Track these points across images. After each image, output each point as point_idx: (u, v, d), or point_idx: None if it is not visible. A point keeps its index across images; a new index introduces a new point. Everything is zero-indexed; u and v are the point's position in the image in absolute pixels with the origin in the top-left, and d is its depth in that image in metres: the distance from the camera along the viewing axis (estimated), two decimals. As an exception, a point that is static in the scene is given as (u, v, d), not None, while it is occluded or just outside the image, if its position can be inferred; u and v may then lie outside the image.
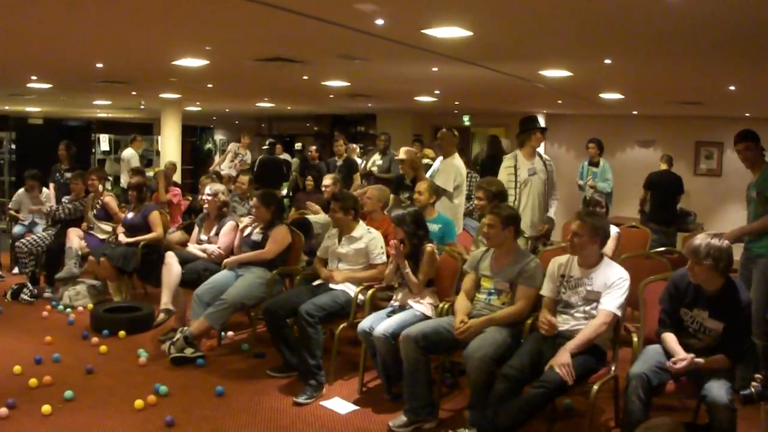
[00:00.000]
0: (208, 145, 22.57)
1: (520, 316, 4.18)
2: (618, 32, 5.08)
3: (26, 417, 4.31)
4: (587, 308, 3.94)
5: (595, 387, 3.74)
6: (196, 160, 21.59)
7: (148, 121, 20.92)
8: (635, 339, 4.08)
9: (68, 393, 4.60)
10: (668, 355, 3.64)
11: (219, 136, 23.44)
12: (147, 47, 6.70)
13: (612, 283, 3.90)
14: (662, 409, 4.09)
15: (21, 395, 4.61)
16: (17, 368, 5.10)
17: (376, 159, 9.55)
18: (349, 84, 9.61)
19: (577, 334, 3.83)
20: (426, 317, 4.58)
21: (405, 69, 7.71)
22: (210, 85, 10.31)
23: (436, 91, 10.69)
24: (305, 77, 8.78)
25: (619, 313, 3.88)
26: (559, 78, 7.60)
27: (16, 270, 8.23)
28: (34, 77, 9.58)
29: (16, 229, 8.40)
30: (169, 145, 13.85)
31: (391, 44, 5.73)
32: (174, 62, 7.30)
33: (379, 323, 4.52)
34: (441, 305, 4.69)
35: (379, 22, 4.83)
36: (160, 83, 10.26)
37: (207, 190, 6.45)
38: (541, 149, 6.31)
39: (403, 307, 4.72)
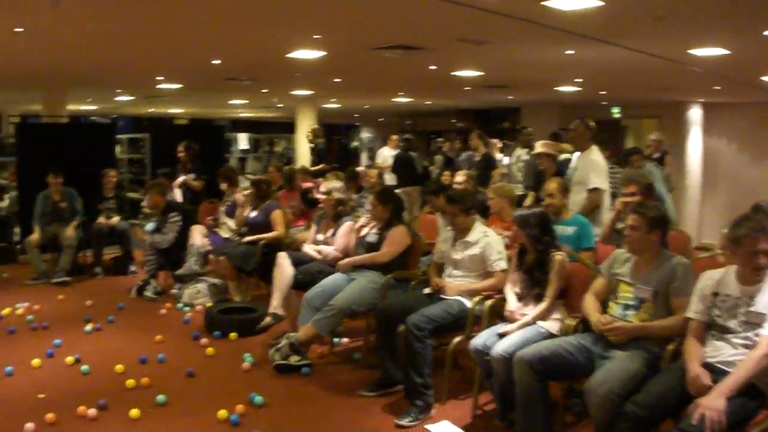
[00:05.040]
0: (355, 143, 22.68)
1: (678, 332, 3.47)
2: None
3: (113, 420, 4.23)
4: (749, 334, 3.18)
5: (753, 434, 3.01)
6: (343, 158, 21.74)
7: (289, 120, 21.32)
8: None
9: (160, 397, 4.47)
10: None
11: (365, 134, 23.45)
12: (258, 39, 6.60)
13: (780, 304, 3.13)
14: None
15: (114, 396, 4.53)
16: (119, 367, 5.04)
17: (522, 154, 8.94)
18: (481, 74, 9.24)
19: (734, 370, 3.07)
20: (551, 335, 3.96)
21: (535, 53, 7.19)
22: (337, 80, 10.18)
23: (578, 80, 10.12)
24: (433, 67, 8.44)
25: (786, 341, 3.10)
26: (713, 57, 6.79)
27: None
28: (160, 77, 9.84)
29: (148, 227, 8.51)
30: (304, 143, 13.73)
31: (510, 21, 5.21)
32: (288, 54, 7.17)
33: (496, 340, 3.94)
34: (569, 322, 4.03)
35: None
36: (284, 79, 10.29)
37: (321, 188, 6.14)
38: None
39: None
